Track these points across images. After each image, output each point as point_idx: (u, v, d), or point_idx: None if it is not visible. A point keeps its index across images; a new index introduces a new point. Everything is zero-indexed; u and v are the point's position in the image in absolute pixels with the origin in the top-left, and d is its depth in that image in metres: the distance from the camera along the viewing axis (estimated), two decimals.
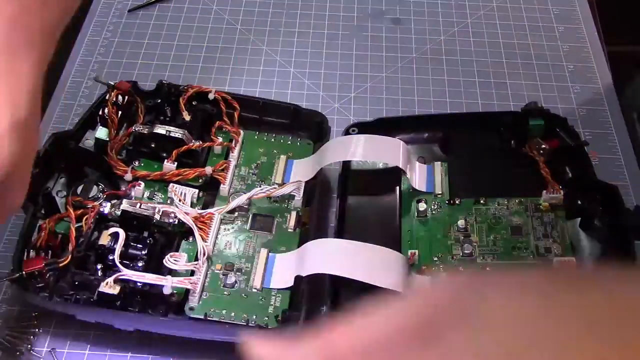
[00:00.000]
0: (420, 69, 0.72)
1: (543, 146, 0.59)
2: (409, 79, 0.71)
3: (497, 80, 0.71)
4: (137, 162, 0.58)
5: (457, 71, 0.72)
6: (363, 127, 0.61)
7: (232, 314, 0.51)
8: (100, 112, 0.59)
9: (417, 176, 0.58)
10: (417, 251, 0.54)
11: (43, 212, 0.54)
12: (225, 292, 0.52)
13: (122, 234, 0.51)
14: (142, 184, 0.56)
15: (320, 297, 0.54)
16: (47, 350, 0.52)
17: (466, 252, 0.54)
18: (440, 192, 0.58)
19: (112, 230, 0.51)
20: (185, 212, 0.54)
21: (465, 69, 0.72)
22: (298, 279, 0.51)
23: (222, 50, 0.74)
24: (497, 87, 0.70)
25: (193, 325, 0.50)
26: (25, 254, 0.51)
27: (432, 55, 0.74)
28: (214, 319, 0.50)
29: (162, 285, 0.49)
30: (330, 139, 0.60)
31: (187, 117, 0.59)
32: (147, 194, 0.56)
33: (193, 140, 0.58)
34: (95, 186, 0.56)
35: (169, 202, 0.56)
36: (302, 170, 0.59)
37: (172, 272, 0.51)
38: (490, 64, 0.72)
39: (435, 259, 0.54)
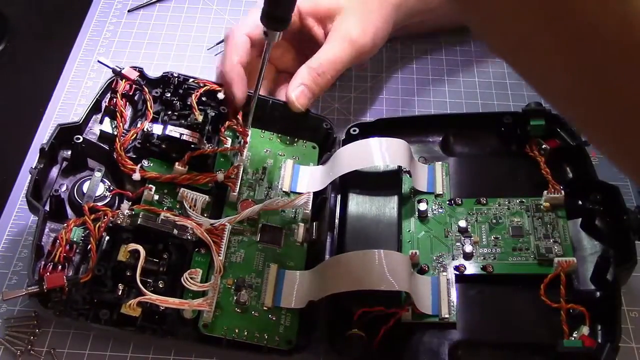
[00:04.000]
0: (420, 69, 0.72)
1: (544, 146, 0.59)
2: (409, 79, 0.71)
3: (497, 80, 0.71)
4: (146, 162, 0.56)
5: (457, 71, 0.72)
6: (363, 128, 0.61)
7: (245, 332, 0.50)
8: (107, 103, 0.58)
9: (418, 176, 0.58)
10: (417, 251, 0.54)
11: (50, 212, 0.53)
12: (237, 309, 0.52)
13: (142, 252, 0.50)
14: (153, 188, 0.54)
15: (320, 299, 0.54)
16: (47, 350, 0.52)
17: (467, 252, 0.54)
18: (441, 192, 0.58)
19: (131, 247, 0.50)
20: (198, 223, 0.53)
21: (465, 69, 0.72)
22: (311, 304, 0.51)
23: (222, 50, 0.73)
24: (497, 87, 0.70)
25: (211, 349, 0.51)
26: (42, 266, 0.50)
27: (432, 55, 0.73)
28: (229, 338, 0.50)
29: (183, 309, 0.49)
30: (333, 141, 0.60)
31: (200, 118, 0.57)
32: (156, 197, 0.55)
33: (204, 143, 0.57)
34: (101, 184, 0.55)
35: (177, 206, 0.55)
36: (312, 179, 0.58)
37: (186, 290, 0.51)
38: (490, 64, 0.72)
39: (436, 259, 0.54)
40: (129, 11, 0.77)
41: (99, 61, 0.60)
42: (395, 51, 0.74)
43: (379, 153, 0.56)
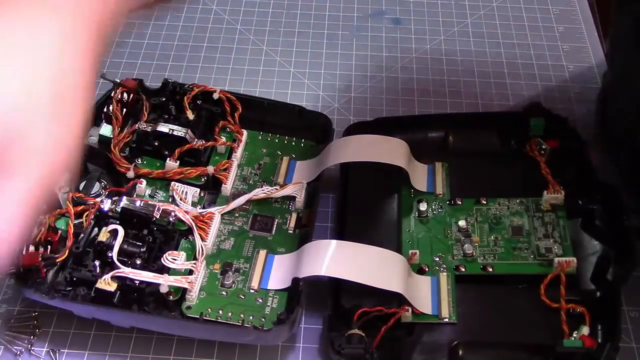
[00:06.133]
0: (420, 69, 0.72)
1: (544, 146, 0.59)
2: (409, 79, 0.71)
3: (497, 80, 0.71)
4: (139, 160, 0.58)
5: (457, 71, 0.72)
6: (363, 127, 0.61)
7: (229, 314, 0.50)
8: (105, 109, 0.59)
9: (417, 176, 0.58)
10: (417, 251, 0.54)
11: (45, 207, 0.54)
12: (222, 292, 0.52)
13: (121, 231, 0.51)
14: (144, 182, 0.56)
15: (320, 299, 0.54)
16: (47, 350, 0.52)
17: (467, 252, 0.54)
18: (440, 192, 0.58)
19: (111, 227, 0.51)
20: (185, 211, 0.54)
21: (465, 69, 0.72)
22: (295, 280, 0.51)
23: (222, 50, 0.74)
24: (497, 87, 0.70)
25: (188, 324, 0.50)
26: (25, 249, 0.51)
27: (432, 55, 0.73)
28: (209, 318, 0.50)
29: (159, 283, 0.50)
30: (332, 139, 0.60)
31: (191, 116, 0.59)
32: (148, 191, 0.57)
33: (196, 139, 0.58)
34: (97, 183, 0.56)
35: (170, 200, 0.56)
36: (305, 171, 0.59)
37: (171, 271, 0.51)
38: (490, 64, 0.72)
39: (436, 259, 0.54)
40: (128, 11, 0.77)
41: (101, 76, 0.61)
42: (395, 51, 0.74)
43: (371, 149, 0.57)
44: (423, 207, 0.57)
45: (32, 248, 0.51)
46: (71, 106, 0.36)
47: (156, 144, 0.58)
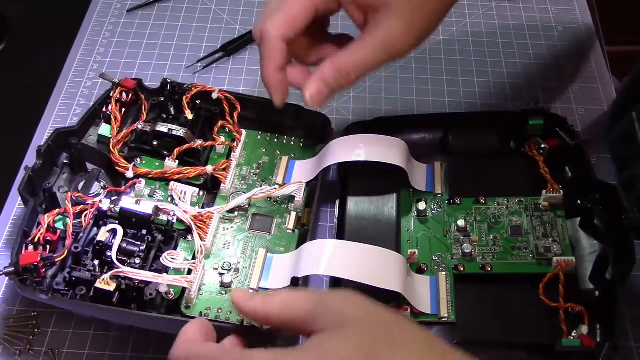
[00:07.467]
0: (419, 69, 0.72)
1: (543, 146, 0.59)
2: (408, 78, 0.71)
3: (497, 80, 0.71)
4: (139, 160, 0.58)
5: (456, 71, 0.72)
6: (363, 127, 0.61)
7: (229, 313, 0.51)
8: (104, 109, 0.59)
9: (417, 176, 0.58)
10: (416, 251, 0.54)
11: (44, 207, 0.54)
12: (221, 292, 0.52)
13: (120, 230, 0.51)
14: (143, 182, 0.56)
15: None
16: (46, 350, 0.52)
17: (466, 251, 0.54)
18: (440, 192, 0.58)
19: (110, 226, 0.51)
20: (184, 211, 0.54)
21: (464, 69, 0.72)
22: (295, 280, 0.51)
23: (221, 50, 0.73)
24: (497, 87, 0.70)
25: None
26: (24, 248, 0.51)
27: (431, 55, 0.73)
28: (209, 318, 0.50)
29: (158, 283, 0.50)
30: (331, 139, 0.60)
31: (190, 116, 0.59)
32: (147, 191, 0.57)
33: (195, 139, 0.58)
34: (96, 182, 0.57)
35: (169, 199, 0.56)
36: (304, 171, 0.59)
37: (170, 270, 0.51)
38: (489, 64, 0.72)
39: (435, 258, 0.54)
40: (127, 11, 0.77)
41: (100, 76, 0.61)
42: None
43: (370, 149, 0.57)
44: (422, 206, 0.57)
45: (31, 248, 0.51)
46: None
47: (155, 143, 0.58)
